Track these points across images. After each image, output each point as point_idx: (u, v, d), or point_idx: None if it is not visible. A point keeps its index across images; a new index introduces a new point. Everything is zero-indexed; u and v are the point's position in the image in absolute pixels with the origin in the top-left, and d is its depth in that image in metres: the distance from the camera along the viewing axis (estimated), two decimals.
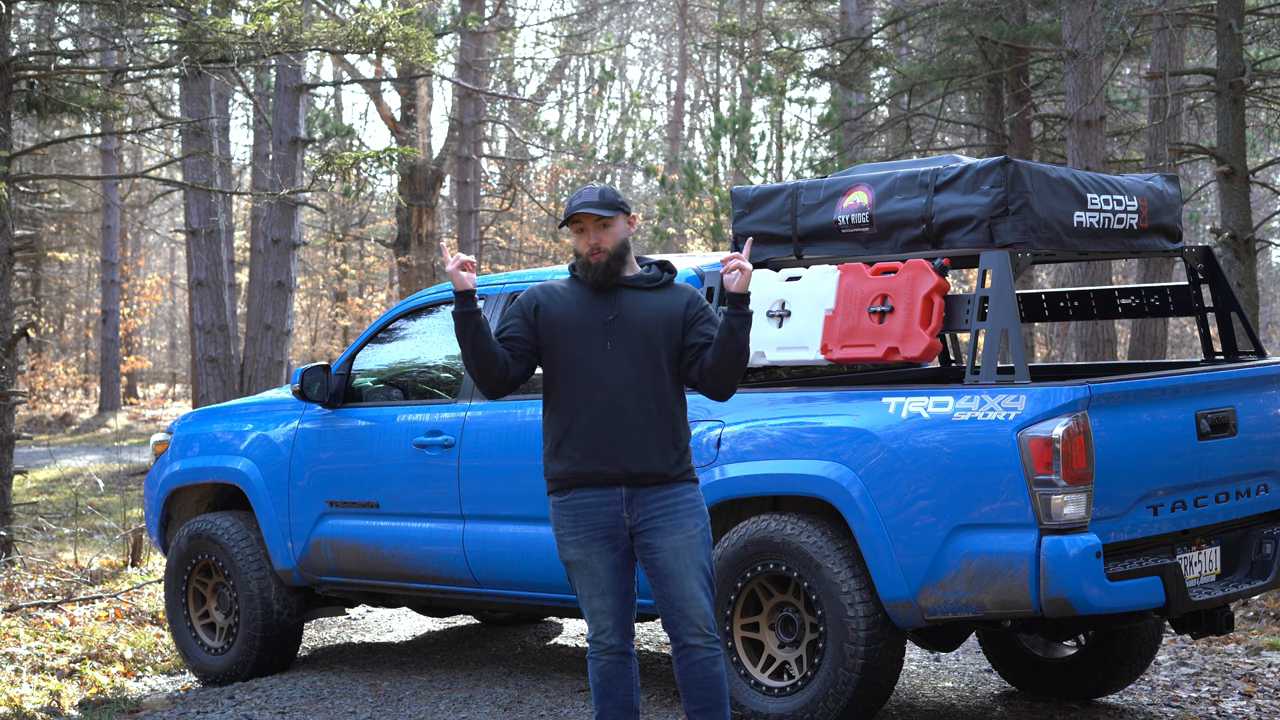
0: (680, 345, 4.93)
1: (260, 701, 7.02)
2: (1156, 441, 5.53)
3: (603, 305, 4.93)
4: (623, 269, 4.93)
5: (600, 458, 4.85)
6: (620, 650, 4.91)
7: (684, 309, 4.95)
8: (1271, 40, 12.67)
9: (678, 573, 4.83)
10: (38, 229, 30.67)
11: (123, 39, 11.37)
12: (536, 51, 31.12)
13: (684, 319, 4.93)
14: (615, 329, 4.89)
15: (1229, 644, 7.84)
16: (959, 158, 5.91)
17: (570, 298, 4.98)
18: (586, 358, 4.88)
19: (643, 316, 4.91)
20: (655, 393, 4.88)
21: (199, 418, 8.06)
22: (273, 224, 18.16)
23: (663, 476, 4.85)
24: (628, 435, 4.84)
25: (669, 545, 4.83)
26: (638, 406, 4.85)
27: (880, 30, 18.76)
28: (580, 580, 4.92)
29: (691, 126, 38.25)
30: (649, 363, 4.88)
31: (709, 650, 4.84)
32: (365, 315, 34.79)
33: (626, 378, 4.86)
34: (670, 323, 4.91)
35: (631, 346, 4.87)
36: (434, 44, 13.98)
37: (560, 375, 4.92)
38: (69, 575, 10.44)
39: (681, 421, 4.95)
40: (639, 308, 4.92)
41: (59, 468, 19.33)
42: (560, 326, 4.93)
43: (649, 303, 4.94)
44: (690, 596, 4.82)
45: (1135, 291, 6.85)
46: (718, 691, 4.86)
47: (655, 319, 4.90)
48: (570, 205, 4.94)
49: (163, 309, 41.42)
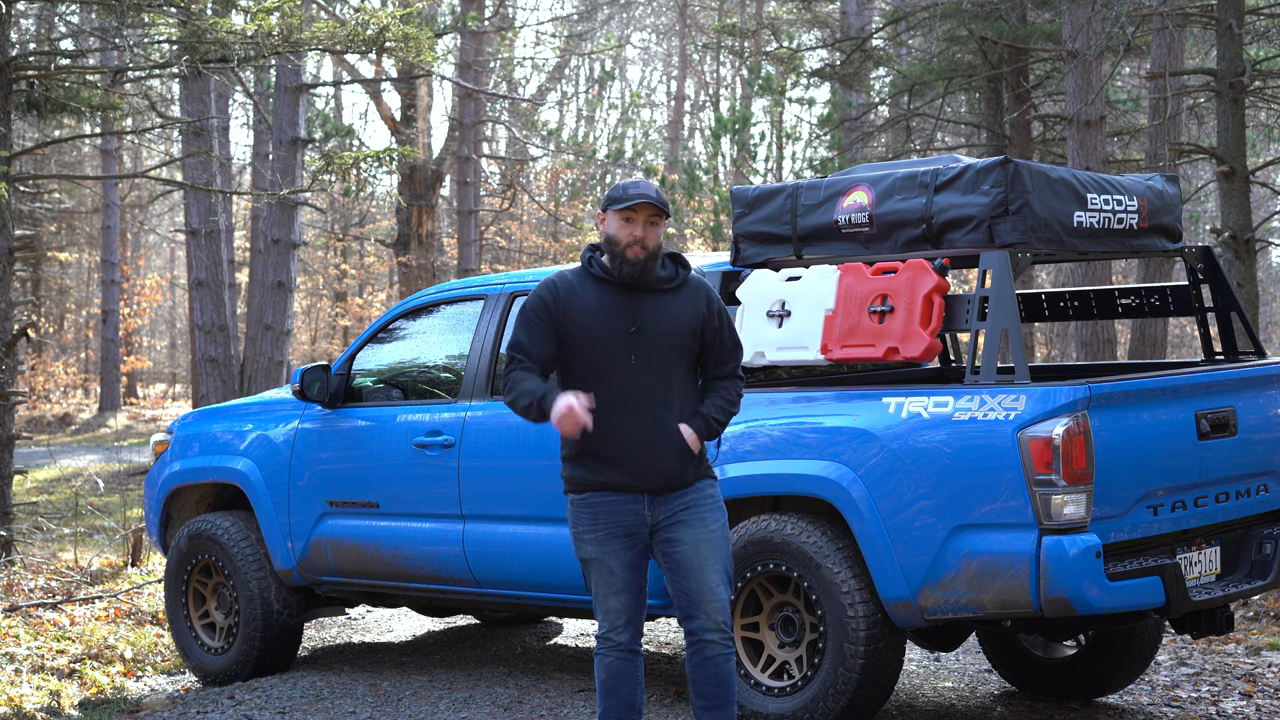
0: (699, 347, 4.95)
1: (260, 701, 7.02)
2: (1156, 441, 5.53)
3: (625, 312, 4.83)
4: (655, 271, 4.87)
5: (621, 471, 4.83)
6: (629, 648, 4.90)
7: (703, 317, 4.93)
8: (1271, 40, 12.67)
9: (697, 566, 4.82)
10: (38, 229, 30.67)
11: (123, 39, 11.37)
12: (536, 51, 31.15)
13: (703, 327, 4.93)
14: (638, 343, 4.82)
15: (1229, 644, 7.84)
16: (959, 158, 5.91)
17: (590, 299, 4.86)
18: (609, 373, 4.80)
19: (665, 325, 4.85)
20: (678, 403, 4.85)
21: (199, 418, 8.06)
22: (273, 224, 18.15)
23: (684, 482, 4.87)
24: (650, 450, 4.81)
25: (690, 538, 4.83)
26: (660, 420, 4.82)
27: (880, 30, 18.77)
28: (596, 578, 4.91)
29: (691, 126, 38.25)
30: (671, 374, 4.84)
31: (723, 646, 4.84)
32: (365, 315, 34.79)
33: (650, 393, 4.81)
34: (691, 329, 4.90)
35: (655, 359, 4.82)
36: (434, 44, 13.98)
37: (578, 383, 4.84)
38: (69, 575, 10.44)
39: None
40: (660, 315, 4.85)
41: (59, 468, 19.33)
42: (581, 335, 4.84)
43: (670, 308, 4.87)
44: (709, 591, 4.81)
45: (1135, 291, 6.85)
46: (727, 689, 4.86)
47: (676, 327, 4.86)
48: (625, 191, 4.80)
49: (163, 309, 41.42)
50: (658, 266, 4.87)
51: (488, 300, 6.98)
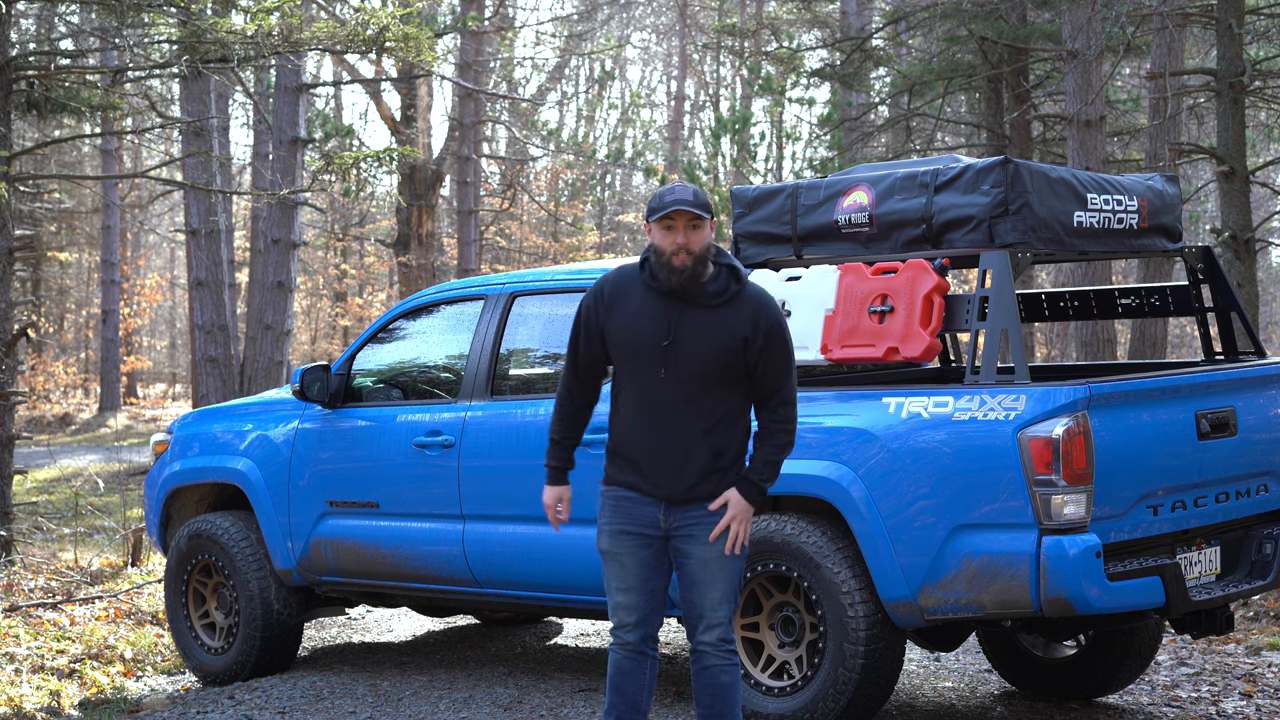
0: (743, 366, 4.78)
1: (260, 701, 7.02)
2: (1156, 441, 5.53)
3: (663, 321, 4.77)
4: (704, 275, 4.77)
5: (642, 476, 4.84)
6: (636, 649, 4.87)
7: (744, 338, 4.76)
8: (1271, 40, 12.67)
9: (704, 581, 4.82)
10: (38, 229, 30.67)
11: (123, 39, 11.37)
12: (536, 51, 31.15)
13: (744, 347, 4.76)
14: (670, 356, 4.76)
15: (1229, 644, 7.84)
16: (959, 158, 5.91)
17: (635, 304, 4.83)
18: (640, 381, 4.80)
19: (701, 343, 4.75)
20: (704, 420, 4.79)
21: (199, 418, 8.06)
22: (273, 224, 18.16)
23: (702, 496, 4.83)
24: (671, 463, 4.80)
25: (700, 554, 4.82)
26: (683, 436, 4.78)
27: (880, 30, 18.77)
28: (609, 571, 4.92)
29: (691, 126, 38.26)
30: (702, 392, 4.77)
31: (720, 659, 4.84)
32: (365, 315, 34.79)
33: (676, 409, 4.78)
34: (730, 349, 4.75)
35: (685, 375, 4.76)
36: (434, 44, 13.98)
37: (620, 380, 4.90)
38: (69, 575, 10.44)
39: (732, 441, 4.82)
40: (698, 332, 4.76)
41: (59, 468, 19.33)
42: (618, 340, 4.84)
43: (711, 324, 4.76)
44: (711, 606, 4.82)
45: (1135, 291, 6.85)
46: (724, 701, 4.86)
47: (713, 346, 4.75)
48: (662, 200, 4.76)
49: (163, 309, 41.42)
50: (708, 274, 4.78)
51: (488, 300, 6.98)
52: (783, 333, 4.81)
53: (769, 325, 4.78)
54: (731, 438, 4.83)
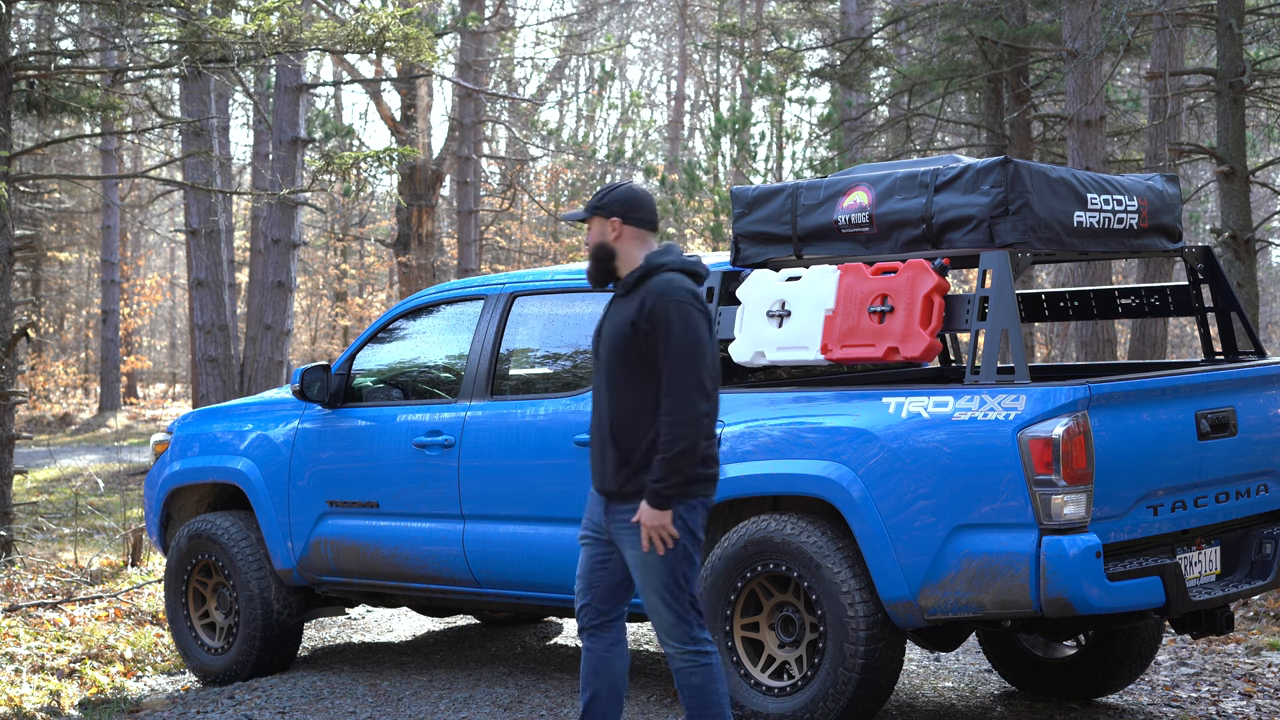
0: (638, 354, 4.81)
1: (260, 701, 7.02)
2: (1156, 441, 5.53)
3: (598, 319, 5.07)
4: (606, 271, 4.99)
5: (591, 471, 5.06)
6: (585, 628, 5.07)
7: (633, 324, 4.80)
8: (1271, 40, 12.67)
9: (640, 585, 4.95)
10: (38, 229, 30.67)
11: (123, 39, 11.37)
12: (536, 51, 31.15)
13: (634, 333, 4.81)
14: (598, 347, 5.02)
15: (1229, 644, 7.84)
16: (959, 158, 5.91)
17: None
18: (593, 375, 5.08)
19: (609, 332, 4.95)
20: (613, 410, 4.90)
21: (199, 418, 8.06)
22: (273, 224, 18.16)
23: (615, 494, 4.92)
24: (596, 456, 5.00)
25: (630, 557, 4.95)
26: (603, 424, 4.95)
27: (880, 30, 18.77)
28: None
29: (691, 126, 38.25)
30: (610, 380, 4.93)
31: (682, 659, 4.90)
32: (365, 315, 34.79)
33: (598, 402, 4.99)
34: (624, 335, 4.85)
35: (603, 365, 4.96)
36: (434, 44, 13.98)
37: None
38: (69, 575, 10.44)
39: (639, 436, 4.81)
40: (610, 322, 4.97)
41: (59, 468, 19.33)
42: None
43: (617, 314, 4.96)
44: (652, 609, 4.93)
45: (1135, 291, 6.85)
46: (699, 701, 4.90)
47: (614, 333, 4.92)
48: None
49: (163, 309, 41.42)
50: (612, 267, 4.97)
51: (488, 300, 6.98)
52: (668, 318, 4.72)
53: (653, 309, 4.74)
54: (637, 433, 4.80)
